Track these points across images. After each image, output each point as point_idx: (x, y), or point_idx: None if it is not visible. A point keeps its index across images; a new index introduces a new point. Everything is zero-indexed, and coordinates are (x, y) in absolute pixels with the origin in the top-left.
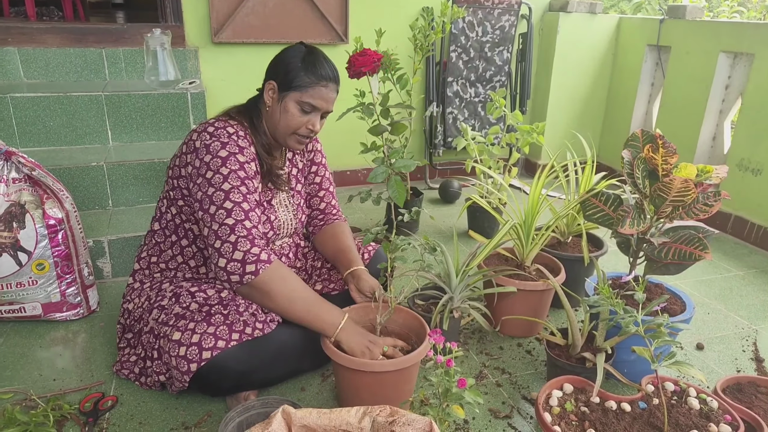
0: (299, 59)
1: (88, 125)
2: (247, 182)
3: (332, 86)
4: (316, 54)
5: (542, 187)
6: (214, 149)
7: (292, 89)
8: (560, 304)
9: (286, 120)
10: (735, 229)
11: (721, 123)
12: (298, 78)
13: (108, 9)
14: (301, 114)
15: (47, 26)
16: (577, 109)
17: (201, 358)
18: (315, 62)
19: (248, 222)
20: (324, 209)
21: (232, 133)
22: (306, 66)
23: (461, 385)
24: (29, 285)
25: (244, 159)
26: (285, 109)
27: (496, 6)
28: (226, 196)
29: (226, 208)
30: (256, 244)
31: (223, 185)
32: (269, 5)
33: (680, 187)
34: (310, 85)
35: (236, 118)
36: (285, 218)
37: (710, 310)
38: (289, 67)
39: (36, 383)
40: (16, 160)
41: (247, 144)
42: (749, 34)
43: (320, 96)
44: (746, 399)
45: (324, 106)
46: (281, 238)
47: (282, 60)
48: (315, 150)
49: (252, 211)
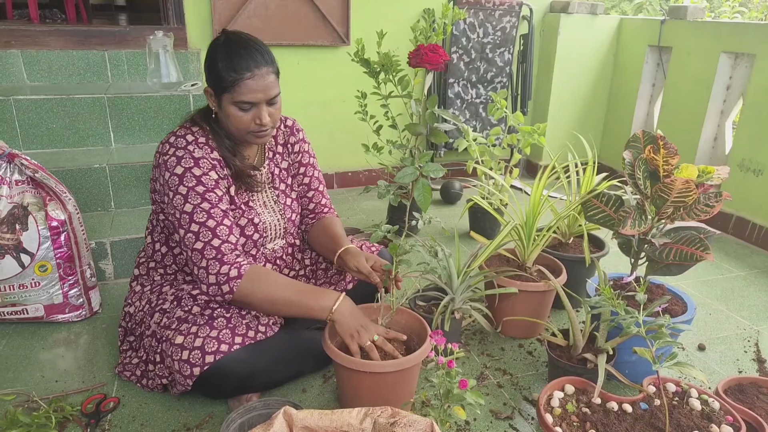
0: (219, 56)
1: (90, 127)
2: (208, 195)
3: (261, 71)
4: (233, 45)
5: (543, 188)
6: (171, 165)
7: (223, 92)
8: (561, 305)
9: (233, 122)
10: (736, 230)
11: (723, 123)
12: (222, 79)
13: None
14: (243, 113)
15: (50, 29)
16: (579, 110)
17: (204, 362)
18: (232, 55)
19: (216, 240)
20: (314, 209)
21: (190, 142)
22: (225, 63)
23: (462, 386)
24: (32, 287)
25: (201, 171)
26: (226, 113)
27: (497, 7)
28: (190, 219)
29: (192, 231)
30: (225, 261)
31: (185, 207)
32: (271, 7)
33: (681, 188)
34: (236, 82)
35: (198, 122)
36: (270, 220)
37: (712, 311)
38: (212, 69)
39: (38, 385)
40: (19, 162)
41: (207, 151)
42: (750, 35)
43: (250, 89)
44: (748, 400)
45: (260, 97)
46: (272, 240)
47: (206, 62)
48: (302, 151)
49: (219, 226)
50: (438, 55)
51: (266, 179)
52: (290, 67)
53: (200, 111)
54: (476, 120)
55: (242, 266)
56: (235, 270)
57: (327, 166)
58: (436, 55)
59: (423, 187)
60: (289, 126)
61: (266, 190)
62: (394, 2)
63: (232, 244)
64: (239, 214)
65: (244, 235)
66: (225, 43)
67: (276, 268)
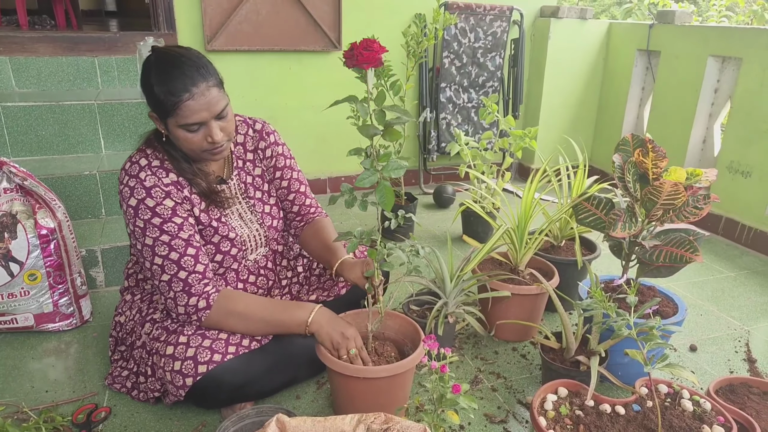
0: (153, 81)
1: (80, 134)
2: (166, 227)
3: (200, 89)
4: (164, 65)
5: (535, 191)
6: (125, 197)
7: (166, 116)
8: (554, 308)
9: (184, 145)
10: (726, 231)
11: (711, 126)
12: (162, 103)
13: (101, 17)
14: (192, 134)
15: (39, 35)
16: (570, 114)
17: (197, 372)
18: (166, 77)
19: (182, 272)
20: (298, 211)
21: (143, 168)
22: (161, 86)
23: (456, 391)
24: (21, 296)
25: (154, 202)
26: (176, 137)
27: (487, 12)
28: (152, 252)
29: (157, 264)
30: (193, 293)
31: (146, 240)
32: (262, 13)
33: (670, 190)
34: (176, 105)
35: (154, 145)
36: (248, 232)
37: (703, 312)
38: (149, 94)
39: (28, 395)
40: (8, 170)
41: (162, 176)
42: (737, 39)
43: (192, 110)
44: (739, 400)
45: (205, 116)
46: (254, 251)
47: (142, 85)
48: (275, 155)
49: (183, 257)
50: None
51: (238, 190)
52: (282, 73)
53: (155, 131)
54: (468, 124)
55: (210, 296)
56: (204, 301)
57: (320, 171)
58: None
59: (384, 189)
60: (258, 130)
61: (240, 201)
62: (385, 8)
63: (200, 273)
64: (211, 232)
65: (221, 252)
66: (156, 63)
67: (262, 278)
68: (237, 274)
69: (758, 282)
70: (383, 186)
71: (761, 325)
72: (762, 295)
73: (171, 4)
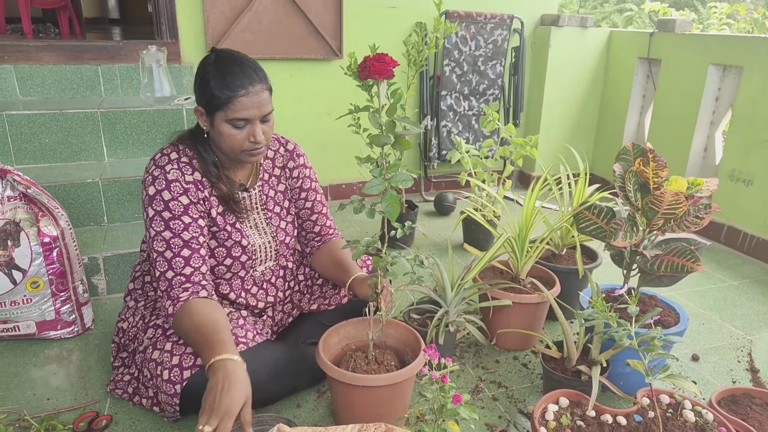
0: (211, 75)
1: (83, 142)
2: (172, 223)
3: (255, 89)
4: (225, 62)
5: (536, 199)
6: (147, 184)
7: (216, 110)
8: (556, 317)
9: (226, 141)
10: (728, 239)
11: (712, 134)
12: (216, 97)
13: (103, 25)
14: (237, 131)
15: (44, 44)
16: (570, 122)
17: (182, 378)
18: (225, 73)
19: (170, 272)
20: (319, 231)
21: (172, 161)
22: (218, 81)
23: (456, 401)
24: (23, 303)
25: (170, 196)
26: (219, 132)
27: (488, 21)
28: (152, 244)
29: (153, 257)
30: (170, 296)
31: (150, 230)
32: (264, 21)
33: (671, 200)
34: (230, 100)
35: (186, 142)
36: (260, 242)
37: (705, 321)
38: (204, 88)
39: (30, 403)
40: (11, 178)
41: (187, 172)
42: (738, 47)
43: (244, 107)
44: (741, 411)
45: (255, 114)
46: (263, 263)
47: (197, 81)
48: (303, 176)
49: (176, 257)
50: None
51: (258, 201)
52: (283, 81)
53: (190, 131)
54: (469, 132)
55: (178, 304)
56: (172, 307)
57: (320, 179)
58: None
59: (391, 198)
60: (289, 150)
61: (258, 211)
62: (386, 16)
63: (184, 276)
64: (225, 236)
65: (231, 257)
66: (216, 62)
67: (263, 291)
68: (242, 282)
69: (760, 291)
70: (390, 195)
71: (764, 334)
72: (764, 304)
73: (174, 13)
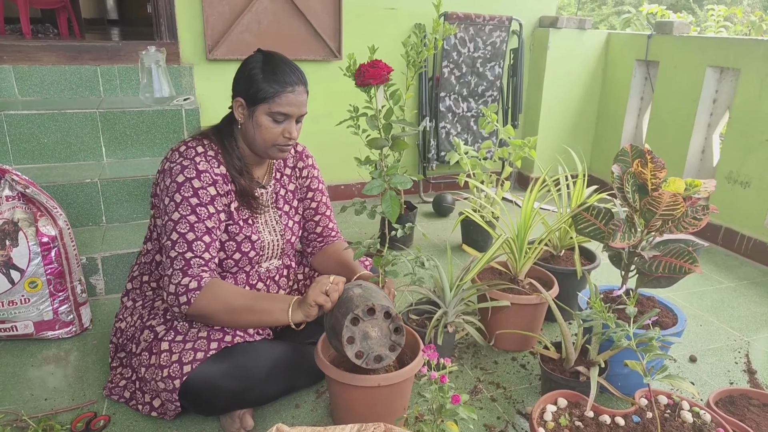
0: (260, 70)
1: (82, 142)
2: (199, 210)
3: (299, 89)
4: (275, 60)
5: (534, 200)
6: (175, 173)
7: (260, 102)
8: (554, 318)
9: (262, 133)
10: (725, 241)
11: (710, 136)
12: (263, 90)
13: (103, 25)
14: (275, 124)
15: (43, 44)
16: (569, 123)
17: (182, 372)
18: (276, 69)
19: (189, 253)
20: (321, 232)
21: (199, 153)
22: (267, 75)
23: (455, 401)
24: (21, 303)
25: (200, 184)
26: (258, 123)
27: (487, 22)
28: (174, 227)
29: (171, 240)
30: (189, 274)
31: (173, 215)
32: (264, 22)
33: (669, 201)
34: (276, 94)
35: (211, 137)
36: (269, 239)
37: (703, 322)
38: (251, 80)
39: (27, 403)
40: (10, 178)
41: (214, 165)
42: (735, 50)
43: (289, 102)
44: (738, 412)
45: (296, 111)
46: (268, 259)
47: (243, 74)
48: (311, 176)
49: (197, 241)
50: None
51: (270, 198)
52: None
53: (215, 127)
54: (467, 133)
55: (203, 279)
56: (195, 282)
57: None
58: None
59: (391, 198)
60: (299, 151)
61: (270, 209)
62: (385, 18)
63: (204, 260)
64: (237, 230)
65: (240, 251)
66: (266, 59)
67: (265, 288)
68: (247, 276)
69: (758, 292)
70: (389, 196)
71: (761, 335)
72: (762, 305)
73: (173, 14)
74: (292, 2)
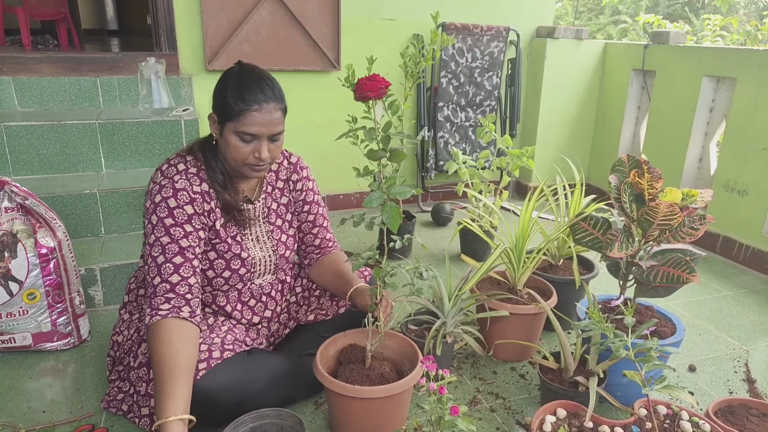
0: (231, 84)
1: (81, 153)
2: (173, 230)
3: (269, 106)
4: (247, 76)
5: (533, 210)
6: (153, 193)
7: (227, 119)
8: (553, 328)
9: (231, 152)
10: (724, 250)
11: (707, 145)
12: (229, 107)
13: (102, 36)
14: (243, 144)
15: (42, 56)
16: (566, 133)
17: None
18: (244, 86)
19: (157, 278)
20: (319, 244)
21: (180, 171)
22: (235, 91)
23: (454, 413)
24: (20, 315)
25: (175, 203)
26: (226, 141)
27: (485, 33)
28: (149, 251)
29: (148, 264)
30: (152, 304)
31: (150, 237)
32: (262, 33)
33: (666, 211)
34: (241, 112)
35: (195, 152)
36: (261, 255)
37: (701, 331)
38: (222, 96)
39: (25, 416)
40: (9, 189)
41: (195, 182)
42: (731, 59)
43: (254, 122)
44: (738, 422)
45: (263, 131)
46: (261, 276)
47: (216, 88)
48: (305, 189)
49: (167, 263)
50: (376, 82)
51: (261, 213)
52: None
53: (200, 141)
54: (466, 143)
55: (155, 316)
56: (149, 317)
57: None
58: (375, 83)
59: (391, 209)
60: (293, 163)
61: (260, 224)
62: (383, 29)
63: (170, 284)
64: (225, 248)
65: (230, 269)
66: (238, 74)
67: (261, 305)
68: (239, 294)
69: (757, 301)
70: (390, 207)
71: (760, 344)
72: (761, 314)
73: (173, 25)
74: (290, 13)
